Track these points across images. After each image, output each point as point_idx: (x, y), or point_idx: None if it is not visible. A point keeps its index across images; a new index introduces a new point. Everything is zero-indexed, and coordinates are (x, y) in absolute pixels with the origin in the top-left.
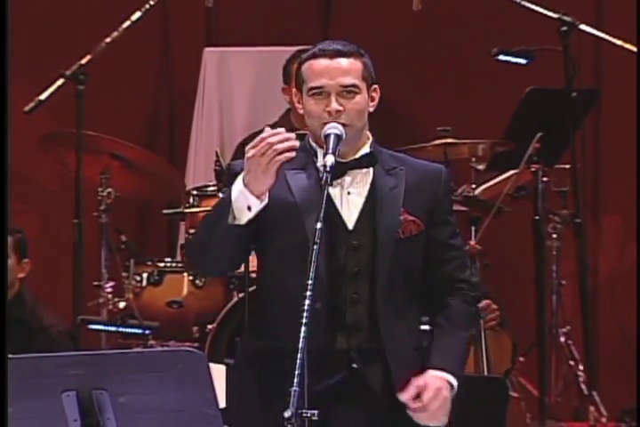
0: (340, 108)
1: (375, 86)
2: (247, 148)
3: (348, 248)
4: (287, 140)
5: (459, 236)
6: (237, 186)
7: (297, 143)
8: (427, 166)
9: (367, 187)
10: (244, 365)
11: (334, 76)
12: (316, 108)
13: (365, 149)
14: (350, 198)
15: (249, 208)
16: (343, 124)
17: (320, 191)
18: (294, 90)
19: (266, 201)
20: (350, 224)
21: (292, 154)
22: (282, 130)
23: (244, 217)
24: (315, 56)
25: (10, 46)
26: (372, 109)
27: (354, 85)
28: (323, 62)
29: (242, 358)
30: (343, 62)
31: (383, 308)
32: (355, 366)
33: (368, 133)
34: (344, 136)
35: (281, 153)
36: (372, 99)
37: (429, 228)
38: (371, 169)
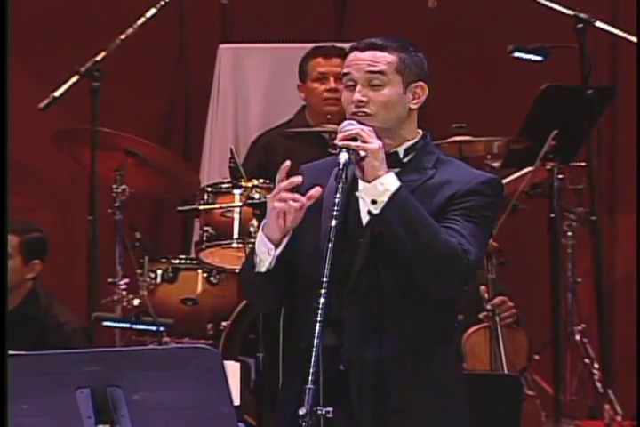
0: (364, 98)
1: (420, 83)
2: (269, 197)
3: (358, 245)
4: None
5: (467, 233)
6: (260, 233)
7: (298, 198)
8: (469, 172)
9: None
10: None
11: (362, 65)
12: (346, 99)
13: (402, 148)
14: None
15: (269, 252)
16: (367, 114)
17: (349, 189)
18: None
19: (280, 249)
20: (364, 221)
21: (293, 204)
22: (298, 179)
23: (266, 261)
24: (350, 50)
25: (22, 44)
26: (414, 106)
27: (380, 73)
28: (355, 55)
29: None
30: (374, 54)
31: (386, 303)
32: (342, 367)
33: (418, 131)
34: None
35: (285, 201)
36: (416, 95)
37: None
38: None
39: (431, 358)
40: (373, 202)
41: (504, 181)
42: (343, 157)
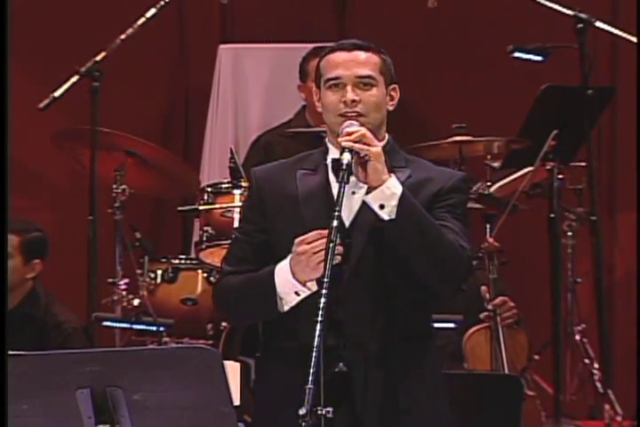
0: (357, 97)
1: (394, 86)
2: (297, 241)
3: (346, 245)
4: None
5: (458, 230)
6: (284, 275)
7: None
8: (441, 169)
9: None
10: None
11: (350, 67)
12: (333, 100)
13: None
14: (353, 198)
15: (297, 293)
16: (359, 115)
17: (323, 189)
18: (314, 88)
19: (314, 289)
20: (347, 223)
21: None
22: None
23: (291, 300)
24: (333, 50)
25: (22, 44)
26: (391, 108)
27: (370, 77)
28: (340, 55)
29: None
30: (360, 55)
31: (381, 301)
32: (342, 365)
33: (385, 134)
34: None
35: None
36: (392, 98)
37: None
38: None
39: (421, 354)
40: (381, 207)
41: (504, 181)
42: (346, 157)
